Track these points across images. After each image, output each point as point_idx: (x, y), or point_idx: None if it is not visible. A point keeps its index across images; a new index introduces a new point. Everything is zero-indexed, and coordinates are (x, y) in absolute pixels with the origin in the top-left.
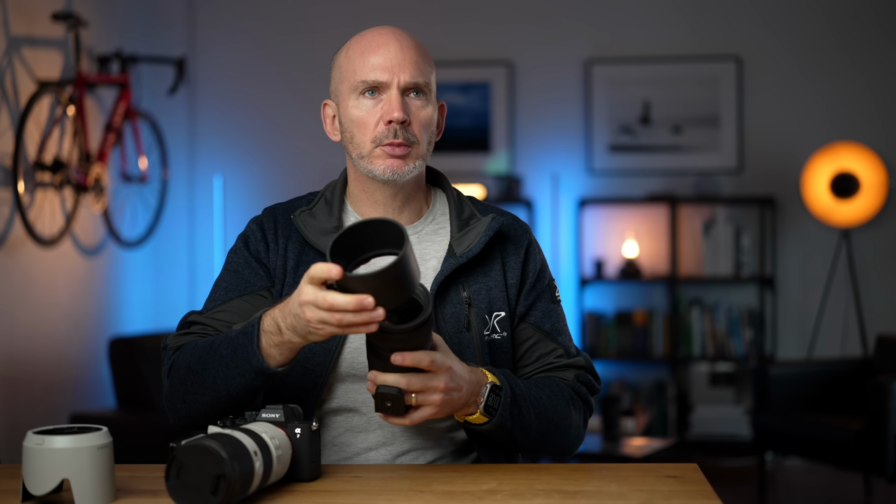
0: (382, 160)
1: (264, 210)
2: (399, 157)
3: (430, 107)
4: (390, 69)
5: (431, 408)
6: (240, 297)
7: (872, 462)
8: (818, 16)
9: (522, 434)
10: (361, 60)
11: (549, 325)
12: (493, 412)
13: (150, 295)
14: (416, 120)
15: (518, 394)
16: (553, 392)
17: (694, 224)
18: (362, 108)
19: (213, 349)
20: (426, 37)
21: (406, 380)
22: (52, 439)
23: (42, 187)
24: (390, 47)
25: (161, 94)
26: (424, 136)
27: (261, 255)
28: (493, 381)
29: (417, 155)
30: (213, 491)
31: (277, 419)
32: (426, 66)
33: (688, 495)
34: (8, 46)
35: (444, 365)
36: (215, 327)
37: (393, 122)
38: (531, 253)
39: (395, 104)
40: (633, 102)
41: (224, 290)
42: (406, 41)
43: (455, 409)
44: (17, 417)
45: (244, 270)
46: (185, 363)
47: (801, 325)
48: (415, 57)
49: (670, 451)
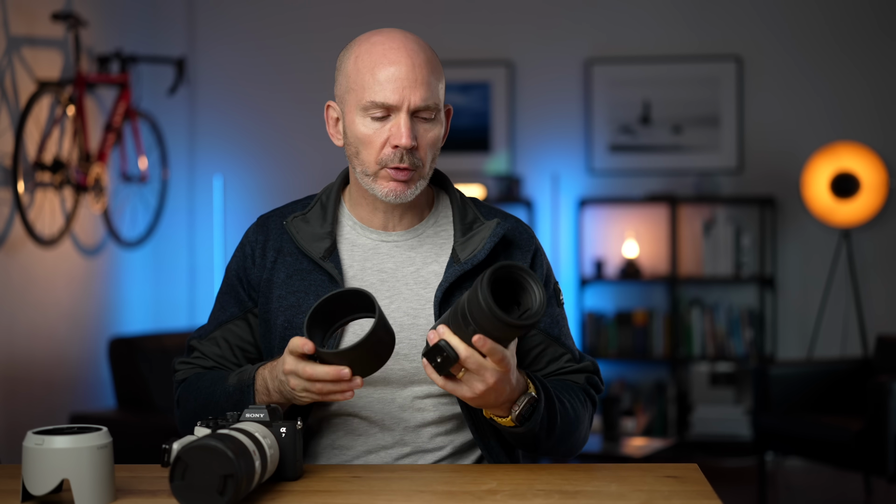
0: (386, 182)
1: (258, 219)
2: (403, 182)
3: (438, 126)
4: (400, 91)
5: (470, 392)
6: (231, 321)
7: (872, 462)
8: (818, 16)
9: (546, 438)
10: (371, 77)
11: (556, 331)
12: (524, 421)
13: (150, 295)
14: (424, 142)
15: (552, 403)
16: (574, 397)
17: (694, 224)
18: (369, 127)
19: (214, 398)
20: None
21: (468, 353)
22: (51, 439)
23: (42, 187)
24: (401, 66)
25: (161, 94)
26: (429, 157)
27: (249, 274)
28: (532, 391)
29: (420, 177)
30: (220, 491)
31: (262, 418)
32: (436, 82)
33: (688, 495)
34: (8, 46)
35: (506, 366)
36: (212, 358)
37: (400, 146)
38: (538, 260)
39: (403, 130)
40: (633, 102)
41: (220, 310)
42: (418, 57)
43: (487, 405)
44: (17, 417)
45: (235, 290)
46: (190, 406)
47: (801, 325)
48: (426, 76)
49: (670, 452)
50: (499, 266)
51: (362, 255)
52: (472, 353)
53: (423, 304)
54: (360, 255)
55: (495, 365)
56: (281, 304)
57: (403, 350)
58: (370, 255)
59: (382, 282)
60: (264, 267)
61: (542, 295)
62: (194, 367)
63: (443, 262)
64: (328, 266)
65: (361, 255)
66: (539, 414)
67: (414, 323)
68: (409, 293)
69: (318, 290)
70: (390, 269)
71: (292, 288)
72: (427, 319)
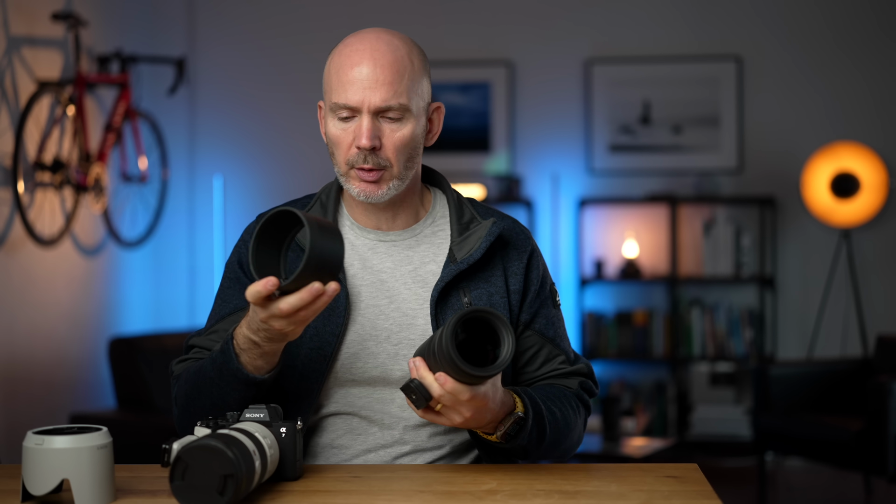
0: (356, 182)
1: (257, 217)
2: (371, 182)
3: (407, 126)
4: (361, 92)
5: (449, 423)
6: (234, 312)
7: (872, 462)
8: (818, 16)
9: (535, 448)
10: (336, 78)
11: (552, 332)
12: (510, 439)
13: (150, 295)
14: (389, 143)
15: (541, 418)
16: (565, 405)
17: (694, 224)
18: (338, 127)
19: (202, 373)
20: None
21: (441, 393)
22: (51, 439)
23: (42, 187)
24: (363, 67)
25: (161, 94)
26: (400, 158)
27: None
28: (520, 410)
29: (392, 177)
30: (220, 491)
31: (262, 419)
32: (403, 84)
33: (688, 495)
34: (8, 46)
35: (480, 401)
36: (209, 348)
37: (362, 147)
38: (534, 260)
39: (363, 131)
40: (633, 102)
41: (220, 306)
42: (383, 58)
43: (471, 428)
44: (17, 417)
45: (235, 286)
46: (183, 391)
47: (801, 325)
48: (389, 76)
49: (670, 452)
50: (473, 310)
51: (361, 254)
52: (444, 391)
53: (421, 304)
54: (358, 254)
55: (467, 402)
56: None
57: (402, 350)
58: (369, 254)
59: (381, 281)
60: None
61: (511, 346)
62: (194, 361)
63: (440, 261)
64: None
65: (360, 254)
66: (526, 432)
67: (412, 322)
68: (408, 293)
69: None
70: (388, 268)
71: None
72: (425, 319)
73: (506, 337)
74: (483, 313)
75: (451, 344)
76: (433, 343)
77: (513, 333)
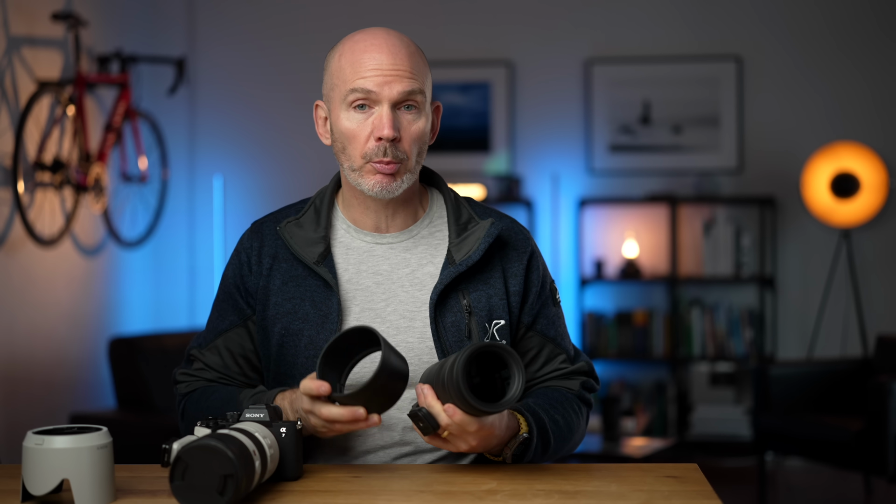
0: (372, 176)
1: (252, 225)
2: (388, 174)
3: (422, 119)
4: (381, 81)
5: (455, 450)
6: (230, 329)
7: (872, 462)
8: (818, 16)
9: (540, 457)
10: (352, 70)
11: (553, 332)
12: (517, 459)
13: (150, 295)
14: (407, 135)
15: (545, 433)
16: (567, 410)
17: (694, 224)
18: (353, 121)
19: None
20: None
21: (448, 423)
22: (51, 439)
23: (42, 187)
24: (382, 57)
25: (161, 94)
26: (414, 150)
27: (246, 281)
28: (524, 431)
29: (406, 170)
30: (220, 491)
31: (262, 419)
32: (420, 74)
33: (688, 495)
34: (8, 46)
35: (487, 430)
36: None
37: (383, 139)
38: (534, 261)
39: (385, 121)
40: (633, 102)
41: (217, 319)
42: (398, 48)
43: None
44: (17, 417)
45: (233, 297)
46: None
47: (801, 325)
48: (407, 65)
49: (670, 452)
50: (486, 345)
51: (357, 258)
52: (452, 422)
53: (419, 307)
54: (354, 258)
55: (474, 432)
56: (277, 311)
57: (401, 352)
58: (365, 257)
59: (378, 284)
60: (261, 274)
61: (521, 383)
62: (198, 379)
63: (438, 263)
64: (322, 271)
65: (356, 258)
66: (531, 451)
67: (410, 325)
68: (405, 295)
69: (314, 295)
70: (385, 271)
71: (288, 294)
72: (423, 322)
73: (516, 373)
74: (495, 349)
75: (462, 381)
76: (443, 372)
77: (523, 369)
